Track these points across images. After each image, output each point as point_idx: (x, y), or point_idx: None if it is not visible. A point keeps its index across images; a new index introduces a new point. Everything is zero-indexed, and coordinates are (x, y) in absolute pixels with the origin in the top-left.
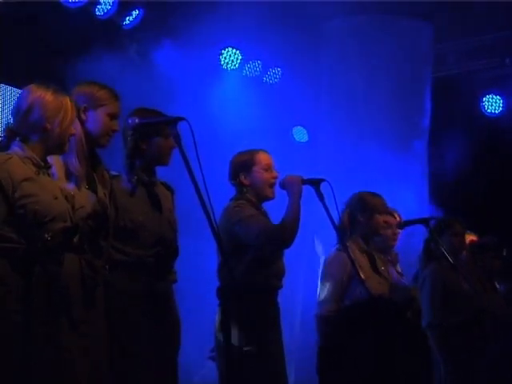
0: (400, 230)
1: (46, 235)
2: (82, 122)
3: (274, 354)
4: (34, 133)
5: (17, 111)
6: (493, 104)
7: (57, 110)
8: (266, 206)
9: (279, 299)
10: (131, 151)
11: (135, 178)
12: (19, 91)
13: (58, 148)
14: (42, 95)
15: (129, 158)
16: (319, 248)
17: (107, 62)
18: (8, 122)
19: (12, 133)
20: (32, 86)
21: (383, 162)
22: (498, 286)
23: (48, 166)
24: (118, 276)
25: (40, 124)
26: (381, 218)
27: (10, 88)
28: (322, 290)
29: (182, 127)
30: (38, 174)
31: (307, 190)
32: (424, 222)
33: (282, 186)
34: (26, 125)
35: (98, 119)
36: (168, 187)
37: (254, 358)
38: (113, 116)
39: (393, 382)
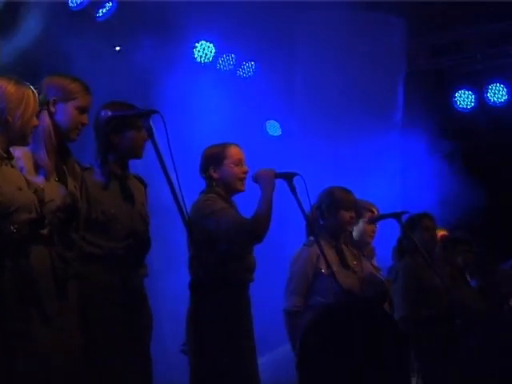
0: (376, 225)
1: (12, 227)
2: (51, 115)
3: (245, 347)
4: None
5: None
6: (465, 99)
7: (18, 102)
8: (237, 199)
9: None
10: (103, 144)
11: (108, 171)
12: None
13: (20, 139)
14: (4, 87)
15: (101, 151)
16: None
17: (79, 54)
18: None
19: None
20: None
21: (356, 156)
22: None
23: (11, 158)
24: (91, 268)
25: (1, 116)
26: (347, 214)
27: None
28: (288, 286)
29: (154, 120)
30: (0, 166)
31: (280, 183)
32: (396, 216)
33: (255, 179)
34: None
35: (67, 112)
36: (141, 180)
37: (225, 352)
38: (82, 110)
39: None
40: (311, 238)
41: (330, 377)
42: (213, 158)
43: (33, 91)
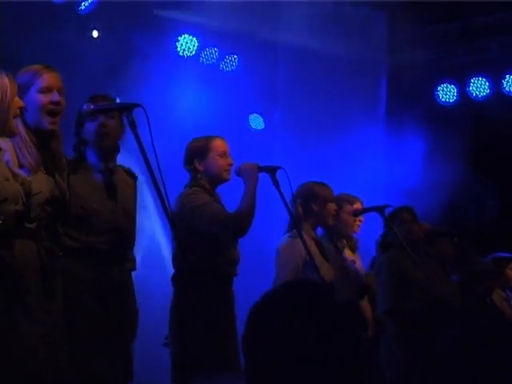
0: (361, 218)
1: None
2: (22, 111)
3: (228, 341)
4: None
5: None
6: (447, 93)
7: None
8: (221, 191)
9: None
10: (77, 138)
11: (77, 160)
12: None
13: (8, 130)
14: None
15: (75, 144)
16: None
17: (62, 47)
18: None
19: None
20: None
21: (339, 149)
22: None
23: None
24: (72, 262)
25: None
26: (332, 207)
27: None
28: (278, 277)
29: (137, 113)
30: None
31: (263, 177)
32: (379, 209)
33: (238, 173)
34: None
35: (31, 99)
36: (130, 173)
37: (207, 344)
38: (46, 89)
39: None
40: (295, 230)
41: (275, 362)
42: (197, 151)
43: (9, 78)
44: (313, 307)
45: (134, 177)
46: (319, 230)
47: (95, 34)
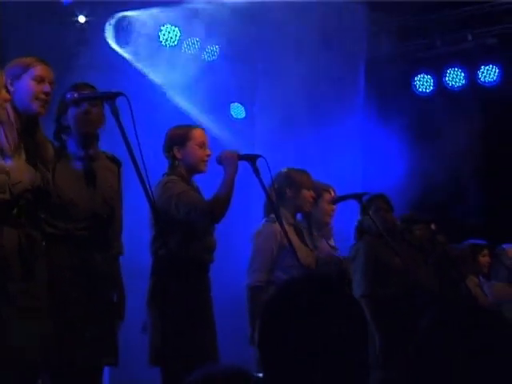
0: (335, 206)
1: None
2: (10, 93)
3: (205, 327)
4: None
5: None
6: (424, 83)
7: None
8: (199, 180)
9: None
10: (56, 126)
11: (58, 148)
12: None
13: None
14: None
15: (55, 132)
16: None
17: (47, 37)
18: None
19: None
20: None
21: (318, 138)
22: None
23: None
24: (52, 248)
25: None
26: (308, 194)
27: None
28: (253, 261)
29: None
30: None
31: (243, 165)
32: (357, 197)
33: (219, 161)
34: None
35: (23, 85)
36: (114, 160)
37: (183, 329)
38: (40, 79)
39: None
40: (272, 215)
41: (292, 352)
42: (177, 139)
43: None
44: (326, 298)
45: (118, 163)
46: (299, 216)
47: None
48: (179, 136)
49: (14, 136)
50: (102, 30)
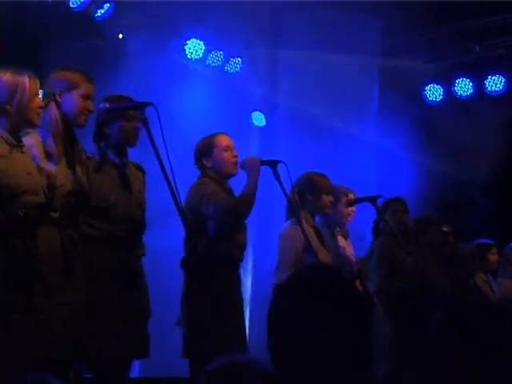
0: (354, 208)
1: (19, 211)
2: (58, 105)
3: (236, 320)
4: (0, 116)
5: None
6: (434, 92)
7: (13, 91)
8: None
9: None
10: (97, 135)
11: (102, 159)
12: None
13: (28, 123)
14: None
15: (96, 141)
16: None
17: (79, 53)
18: None
19: None
20: None
21: (335, 144)
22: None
23: (22, 145)
24: (91, 249)
25: (1, 107)
26: (327, 198)
27: None
28: (279, 261)
29: (149, 112)
30: (11, 152)
31: (265, 170)
32: (371, 200)
33: (243, 166)
34: None
35: (73, 100)
36: (139, 168)
37: (216, 326)
38: (87, 97)
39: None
40: (294, 219)
41: (301, 339)
42: (203, 150)
43: (30, 77)
44: (332, 288)
45: (143, 171)
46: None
47: (110, 39)
48: (205, 146)
49: (60, 144)
50: (135, 45)
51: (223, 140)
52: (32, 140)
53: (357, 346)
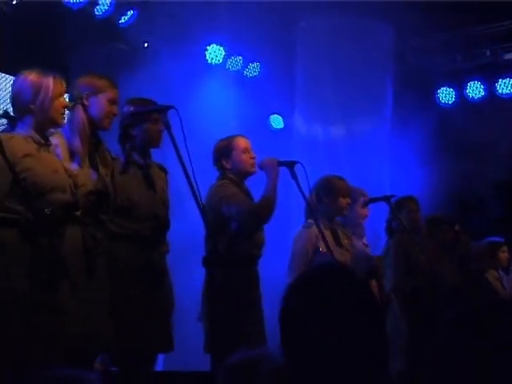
0: (368, 209)
1: (46, 210)
2: (85, 108)
3: (255, 317)
4: (25, 115)
5: (11, 98)
6: (446, 95)
7: (37, 90)
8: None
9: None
10: (123, 136)
11: (127, 159)
12: None
13: (52, 122)
14: (24, 79)
15: (121, 142)
16: None
17: (104, 58)
18: (5, 109)
19: (9, 117)
20: (20, 74)
21: (350, 147)
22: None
23: (49, 144)
24: (117, 246)
25: (25, 107)
26: (344, 201)
27: None
28: (291, 263)
29: (171, 114)
30: (38, 151)
31: (282, 170)
32: (386, 199)
33: (261, 167)
34: (17, 109)
35: (99, 104)
36: (162, 168)
37: (236, 322)
38: (112, 101)
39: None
40: (310, 220)
41: (313, 337)
42: (222, 151)
43: (54, 78)
44: (342, 286)
45: (165, 171)
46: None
47: (134, 44)
48: (224, 148)
49: (86, 145)
50: (157, 50)
51: (242, 142)
52: (56, 140)
53: (371, 345)
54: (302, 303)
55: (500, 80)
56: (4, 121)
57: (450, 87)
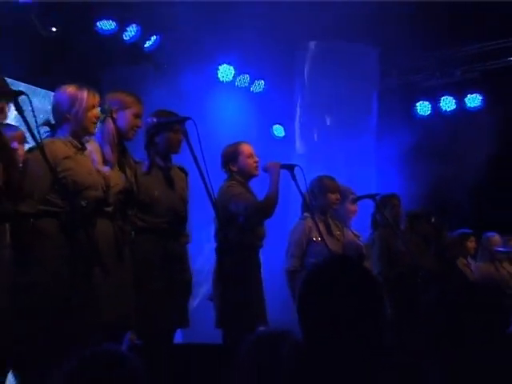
0: (357, 206)
1: (83, 202)
2: (114, 120)
3: (257, 297)
4: (63, 123)
5: (51, 108)
6: (423, 108)
7: (73, 102)
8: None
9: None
10: (148, 143)
11: (151, 163)
12: None
13: (85, 131)
14: (63, 92)
15: (146, 148)
16: None
17: (131, 76)
18: (48, 118)
19: (50, 125)
20: (59, 87)
21: (341, 152)
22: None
23: (84, 148)
24: (141, 238)
25: (63, 116)
26: (333, 196)
27: None
28: (288, 251)
29: (189, 125)
30: (76, 154)
31: (284, 173)
32: (372, 197)
33: (265, 169)
34: (56, 118)
35: (125, 118)
36: (183, 170)
37: (242, 300)
38: (137, 115)
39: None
40: (306, 213)
41: (325, 315)
42: (229, 156)
43: (89, 91)
44: (352, 275)
45: (185, 173)
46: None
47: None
48: (231, 153)
49: (115, 151)
50: (177, 71)
51: (246, 148)
52: (91, 147)
53: (374, 317)
54: (315, 291)
55: (468, 95)
56: (47, 128)
57: (426, 101)
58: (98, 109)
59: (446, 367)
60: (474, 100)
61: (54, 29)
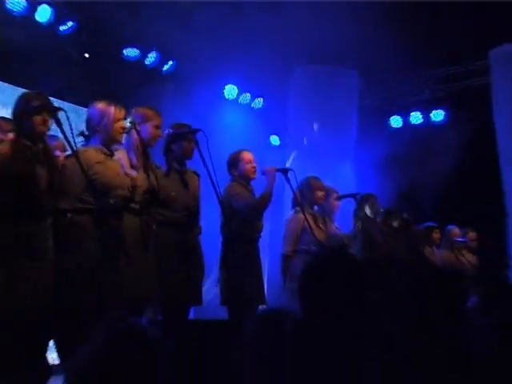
0: (339, 202)
1: (111, 200)
2: (138, 132)
3: (257, 279)
4: (95, 134)
5: (85, 121)
6: (396, 121)
7: (102, 116)
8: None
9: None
10: (166, 150)
11: (169, 167)
12: None
13: (113, 140)
14: (94, 107)
15: (164, 154)
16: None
17: (152, 95)
18: (82, 130)
19: (84, 135)
20: (91, 104)
21: (327, 157)
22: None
23: (112, 154)
24: (161, 230)
25: (94, 127)
26: (320, 193)
27: None
28: (284, 238)
29: (200, 135)
30: (106, 159)
31: (279, 176)
32: (353, 196)
33: (263, 173)
34: (88, 129)
35: (148, 129)
36: (196, 173)
37: (243, 280)
38: (157, 127)
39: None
40: (297, 208)
41: (320, 300)
42: (232, 162)
43: (116, 106)
44: (349, 266)
45: (198, 175)
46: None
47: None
48: (233, 159)
49: (140, 158)
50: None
51: (246, 155)
52: (120, 154)
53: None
54: (315, 278)
55: (434, 111)
56: (82, 138)
57: (398, 115)
58: (124, 121)
59: (420, 357)
60: (438, 115)
61: (86, 55)
